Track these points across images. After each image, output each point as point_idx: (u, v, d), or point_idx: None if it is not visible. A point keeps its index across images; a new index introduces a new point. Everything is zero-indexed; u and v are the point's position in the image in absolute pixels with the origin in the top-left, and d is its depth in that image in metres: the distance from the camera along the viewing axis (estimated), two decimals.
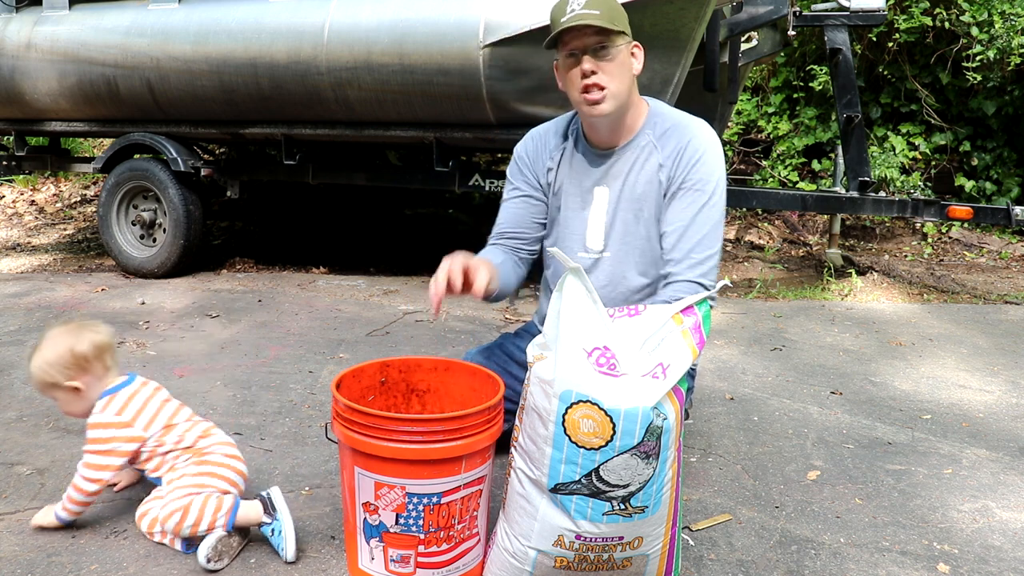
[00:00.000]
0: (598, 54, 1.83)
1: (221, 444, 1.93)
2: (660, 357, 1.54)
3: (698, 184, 1.90)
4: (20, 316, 3.83)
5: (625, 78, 1.88)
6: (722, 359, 3.41)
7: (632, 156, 1.97)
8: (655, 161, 1.94)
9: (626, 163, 1.97)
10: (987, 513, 2.11)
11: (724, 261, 5.93)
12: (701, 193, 1.90)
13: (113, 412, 1.83)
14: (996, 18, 6.01)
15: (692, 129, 1.95)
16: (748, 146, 7.52)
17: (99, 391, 1.86)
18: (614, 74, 1.85)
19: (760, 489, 2.21)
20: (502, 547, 1.63)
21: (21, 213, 7.41)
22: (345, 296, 4.43)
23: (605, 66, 1.84)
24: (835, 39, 4.91)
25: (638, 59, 1.94)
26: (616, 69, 1.85)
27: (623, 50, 1.86)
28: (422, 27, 3.91)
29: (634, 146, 1.97)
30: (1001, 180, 6.72)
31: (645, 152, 1.96)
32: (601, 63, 1.84)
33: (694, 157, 1.91)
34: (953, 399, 2.99)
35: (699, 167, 1.90)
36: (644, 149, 1.96)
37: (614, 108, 1.88)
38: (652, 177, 1.94)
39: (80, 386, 1.84)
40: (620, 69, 1.86)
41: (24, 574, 1.71)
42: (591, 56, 1.84)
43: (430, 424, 1.54)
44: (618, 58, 1.85)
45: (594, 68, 1.84)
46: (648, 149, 1.96)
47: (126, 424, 1.83)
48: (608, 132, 1.96)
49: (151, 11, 4.57)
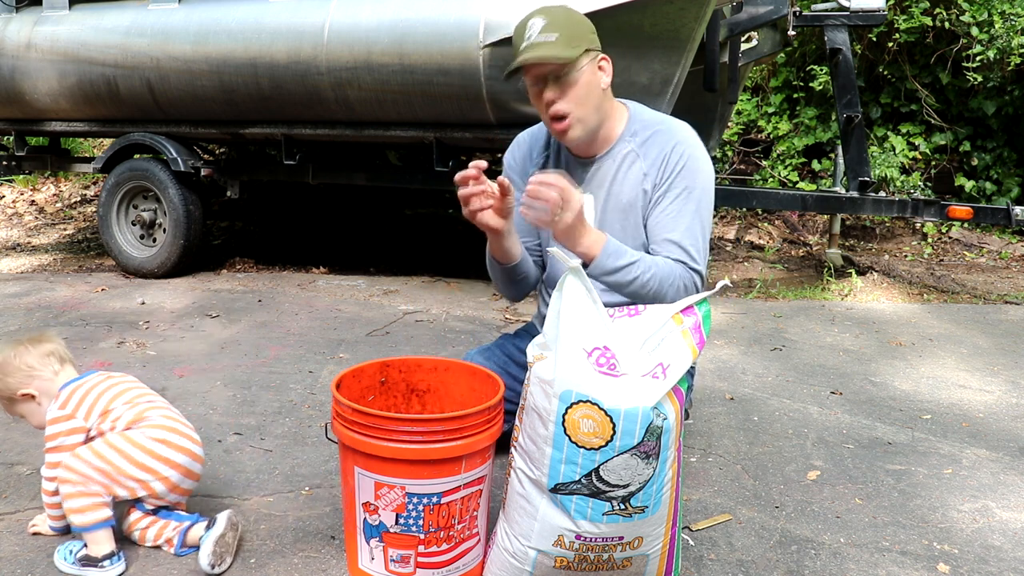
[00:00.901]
0: (559, 81, 1.80)
1: (151, 427, 1.79)
2: (660, 357, 1.54)
3: (683, 189, 1.89)
4: (20, 316, 3.83)
5: (591, 99, 1.85)
6: (722, 359, 3.41)
7: (614, 165, 1.95)
8: (639, 170, 1.93)
9: (608, 172, 1.96)
10: (987, 513, 2.11)
11: (724, 261, 5.93)
12: (686, 198, 1.89)
13: (57, 407, 1.79)
14: (996, 18, 6.01)
15: (674, 133, 1.93)
16: (748, 146, 7.52)
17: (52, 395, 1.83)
18: (578, 99, 1.82)
19: (760, 489, 2.21)
20: (502, 547, 1.63)
21: (21, 213, 7.41)
22: (345, 296, 4.43)
23: (569, 92, 1.81)
24: (835, 39, 4.91)
25: (607, 72, 1.89)
26: (580, 92, 1.82)
27: (586, 70, 1.82)
28: (422, 27, 3.91)
29: (615, 154, 1.95)
30: (1001, 180, 6.72)
31: (628, 160, 1.94)
32: (565, 89, 1.81)
33: (679, 163, 1.89)
34: (953, 399, 2.99)
35: (684, 173, 1.89)
36: (627, 158, 1.94)
37: (582, 132, 1.87)
38: (636, 186, 1.93)
39: (33, 392, 1.81)
40: (585, 91, 1.83)
41: (24, 574, 1.71)
42: (552, 84, 1.81)
43: (430, 424, 1.54)
44: (581, 79, 1.81)
45: (556, 96, 1.82)
46: (631, 157, 1.94)
47: (68, 416, 1.78)
48: (585, 147, 1.95)
49: (151, 11, 4.57)
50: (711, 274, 5.14)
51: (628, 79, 3.68)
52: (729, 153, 7.43)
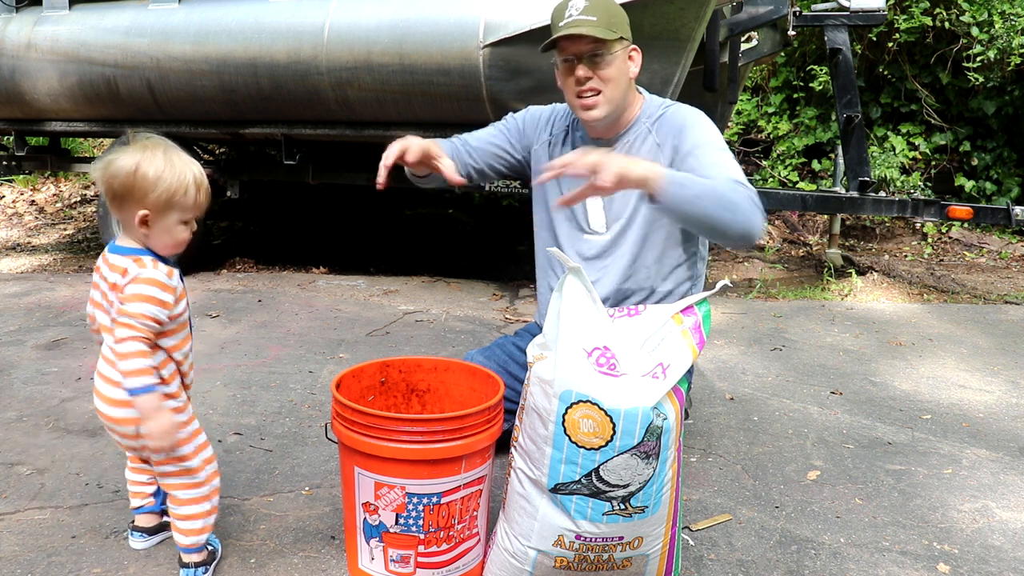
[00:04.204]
0: (593, 61, 1.86)
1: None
2: (660, 357, 1.54)
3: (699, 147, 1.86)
4: (20, 316, 3.83)
5: (621, 83, 1.91)
6: (722, 359, 3.41)
7: (629, 141, 2.00)
8: (652, 141, 1.98)
9: (623, 148, 2.01)
10: (987, 513, 2.11)
11: (724, 261, 5.93)
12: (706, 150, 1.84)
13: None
14: (996, 18, 6.01)
15: (682, 112, 1.99)
16: (748, 146, 7.52)
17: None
18: (609, 80, 1.88)
19: (760, 489, 2.21)
20: (502, 547, 1.63)
21: (21, 213, 7.41)
22: (345, 296, 4.43)
23: (600, 72, 1.88)
24: (835, 39, 4.91)
25: (635, 62, 1.96)
26: (612, 75, 1.88)
27: (619, 56, 1.89)
28: (422, 27, 3.91)
29: (632, 132, 2.01)
30: (1001, 180, 6.72)
31: (641, 136, 1.99)
32: (596, 70, 1.87)
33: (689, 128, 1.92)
34: (953, 399, 2.99)
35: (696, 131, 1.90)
36: (641, 134, 2.00)
37: (607, 112, 1.92)
38: (651, 156, 1.96)
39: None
40: (616, 74, 1.89)
41: (24, 574, 1.71)
42: (586, 63, 1.87)
43: (430, 424, 1.54)
44: (614, 64, 1.88)
45: (588, 75, 1.88)
46: (644, 134, 1.99)
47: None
48: (604, 129, 2.01)
49: (151, 11, 4.57)
50: (711, 274, 5.14)
51: None
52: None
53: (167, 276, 1.62)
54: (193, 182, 1.61)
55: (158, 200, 1.58)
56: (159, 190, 1.57)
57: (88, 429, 2.49)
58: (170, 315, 1.62)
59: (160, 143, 1.62)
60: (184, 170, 1.60)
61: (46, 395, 2.76)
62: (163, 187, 1.57)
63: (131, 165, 1.57)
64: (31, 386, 2.86)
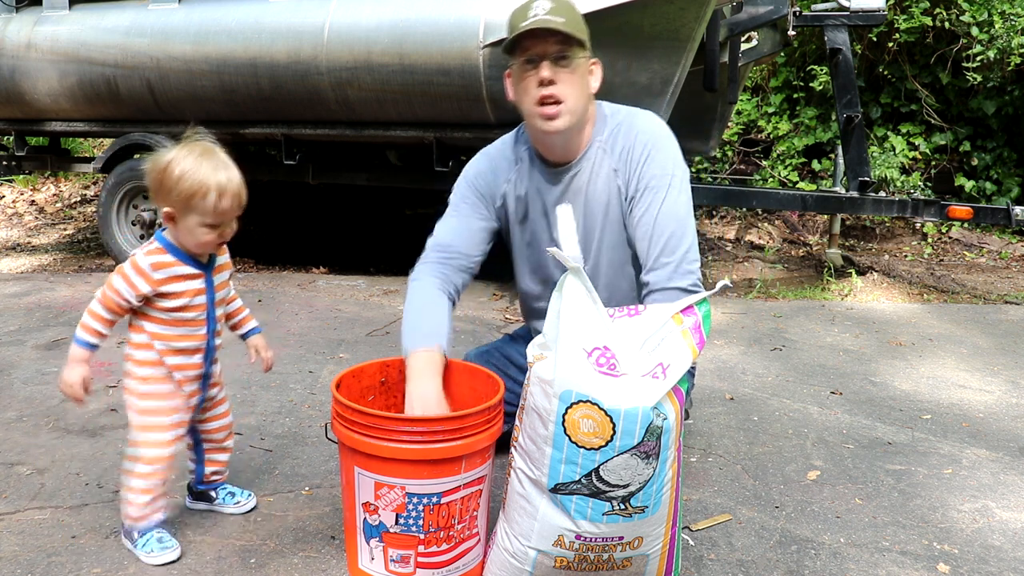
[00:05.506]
0: (558, 63, 1.75)
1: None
2: (660, 357, 1.54)
3: (653, 181, 1.84)
4: (20, 316, 3.83)
5: (583, 93, 1.81)
6: (722, 359, 3.41)
7: (588, 167, 1.91)
8: (608, 166, 1.89)
9: (584, 175, 1.91)
10: (987, 513, 2.11)
11: (724, 261, 5.93)
12: (658, 190, 1.83)
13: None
14: (996, 18, 6.01)
15: (637, 124, 1.89)
16: (748, 146, 7.52)
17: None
18: (573, 86, 1.77)
19: (760, 489, 2.21)
20: (502, 547, 1.63)
21: (21, 213, 7.41)
22: (345, 296, 4.43)
23: (564, 76, 1.75)
24: (835, 39, 4.91)
25: (596, 76, 1.87)
26: (575, 81, 1.77)
27: (583, 64, 1.79)
28: (422, 27, 3.91)
29: (588, 157, 1.91)
30: (1001, 180, 6.72)
31: (598, 158, 1.90)
32: (561, 73, 1.75)
33: (643, 155, 1.85)
34: (953, 399, 2.99)
35: (649, 164, 1.84)
36: (596, 157, 1.91)
37: (569, 124, 1.80)
38: (610, 182, 1.90)
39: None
40: (579, 82, 1.78)
41: (24, 574, 1.71)
42: (551, 64, 1.74)
43: (430, 424, 1.54)
44: (578, 71, 1.77)
45: (553, 77, 1.74)
46: (599, 155, 1.90)
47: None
48: (562, 149, 1.90)
49: (151, 11, 4.57)
50: (711, 274, 5.14)
51: (628, 79, 3.67)
52: (729, 153, 7.43)
53: (151, 267, 1.69)
54: (215, 188, 1.63)
55: (178, 200, 1.63)
56: (179, 190, 1.62)
57: (88, 429, 2.49)
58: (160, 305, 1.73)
59: (200, 145, 1.67)
60: (209, 175, 1.63)
61: (46, 395, 2.76)
62: (183, 188, 1.62)
63: (164, 162, 1.64)
64: (31, 386, 2.86)
